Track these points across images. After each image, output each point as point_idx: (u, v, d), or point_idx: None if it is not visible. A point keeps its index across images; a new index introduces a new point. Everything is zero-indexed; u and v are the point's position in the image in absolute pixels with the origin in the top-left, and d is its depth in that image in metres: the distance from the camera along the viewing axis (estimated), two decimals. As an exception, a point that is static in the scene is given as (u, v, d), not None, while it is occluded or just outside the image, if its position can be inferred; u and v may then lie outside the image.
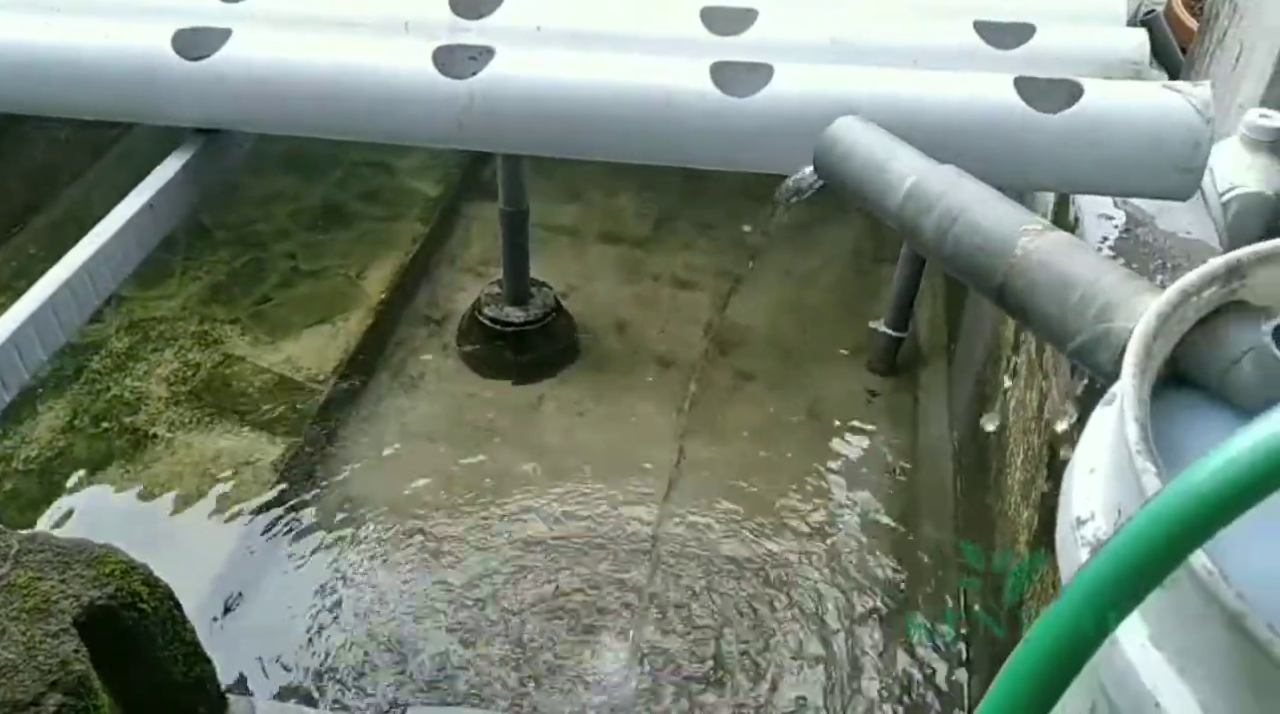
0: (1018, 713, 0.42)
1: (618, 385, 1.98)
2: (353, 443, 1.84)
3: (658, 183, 2.42)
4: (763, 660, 1.50)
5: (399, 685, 1.45)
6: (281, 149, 2.39)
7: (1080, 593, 0.40)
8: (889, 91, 0.92)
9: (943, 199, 0.72)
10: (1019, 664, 0.42)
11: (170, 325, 2.02)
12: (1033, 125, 0.89)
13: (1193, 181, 0.89)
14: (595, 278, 2.23)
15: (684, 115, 0.92)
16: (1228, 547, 0.49)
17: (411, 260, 2.21)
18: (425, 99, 0.94)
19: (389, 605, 1.56)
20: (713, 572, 1.62)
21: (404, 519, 1.70)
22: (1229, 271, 0.59)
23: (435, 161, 2.47)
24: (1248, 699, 0.42)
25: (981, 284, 0.71)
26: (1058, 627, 0.41)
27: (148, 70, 0.97)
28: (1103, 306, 0.64)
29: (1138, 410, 0.49)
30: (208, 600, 1.56)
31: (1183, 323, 0.58)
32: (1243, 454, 0.38)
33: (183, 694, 0.76)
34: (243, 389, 1.91)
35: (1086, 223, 1.17)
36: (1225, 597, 0.41)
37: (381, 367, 2.01)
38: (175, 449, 1.80)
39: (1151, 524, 0.39)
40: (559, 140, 0.97)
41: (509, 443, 1.85)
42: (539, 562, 1.63)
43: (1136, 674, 0.46)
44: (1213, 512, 0.37)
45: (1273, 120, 1.11)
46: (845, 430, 1.88)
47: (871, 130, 0.79)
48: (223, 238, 2.23)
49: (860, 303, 2.13)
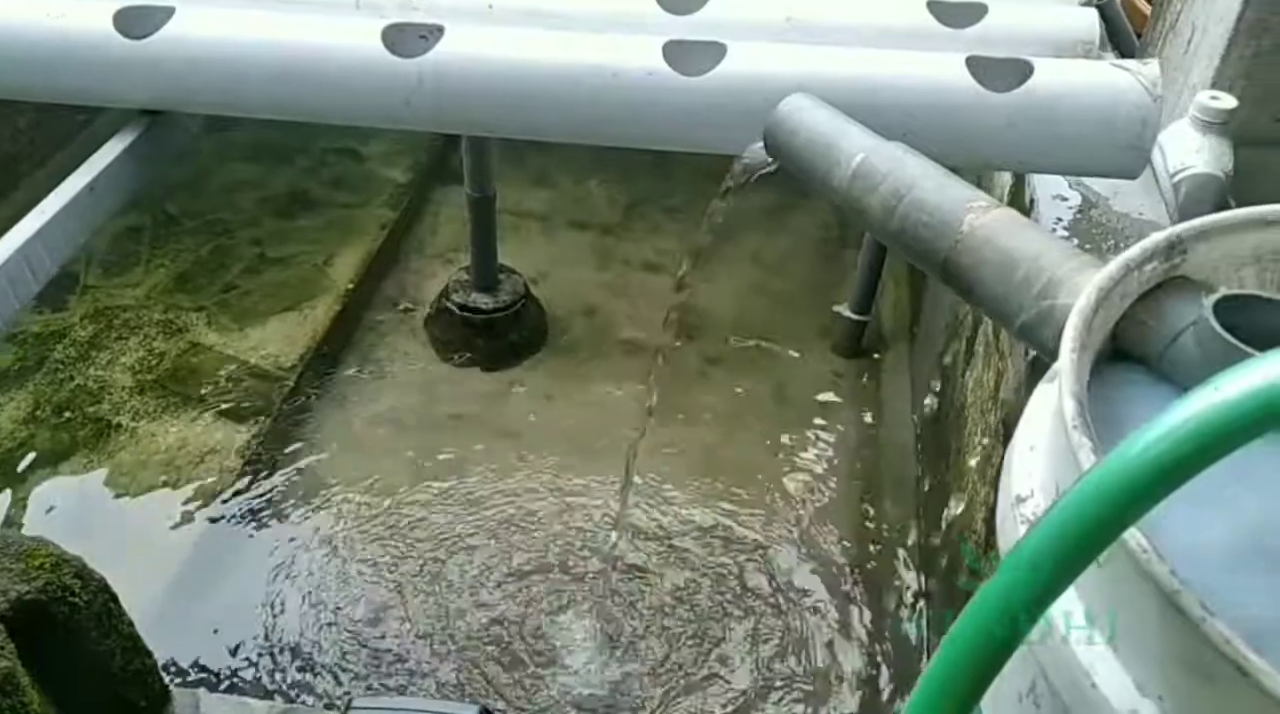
0: (957, 684, 0.41)
1: (587, 370, 1.98)
2: (320, 431, 1.82)
3: (628, 168, 2.41)
4: (719, 628, 1.51)
5: (364, 676, 1.45)
6: (248, 136, 2.36)
7: (1013, 571, 0.40)
8: (842, 71, 0.91)
9: (889, 177, 0.72)
10: (955, 642, 0.41)
11: (135, 314, 1.99)
12: (984, 104, 0.89)
13: (1141, 159, 0.89)
14: (565, 264, 2.22)
15: (636, 94, 0.91)
16: (1163, 523, 0.49)
17: (380, 247, 2.19)
18: (374, 79, 0.92)
19: (356, 591, 1.56)
20: (674, 554, 1.62)
21: (373, 506, 1.69)
22: (1169, 246, 0.59)
23: (404, 147, 2.44)
24: (1182, 676, 0.42)
25: (928, 262, 0.71)
26: (991, 604, 0.41)
27: (89, 50, 0.95)
28: (1046, 283, 0.64)
29: (1075, 386, 0.48)
30: (172, 589, 1.55)
31: (1124, 299, 0.58)
32: (1174, 428, 0.37)
33: (122, 688, 0.74)
34: (208, 378, 1.89)
35: (1041, 203, 1.17)
36: (1159, 574, 0.41)
37: (349, 354, 1.99)
38: (140, 438, 1.77)
39: (1084, 501, 0.38)
40: (510, 120, 0.96)
41: (478, 429, 1.84)
42: (509, 545, 1.63)
43: (1071, 651, 0.46)
44: (1146, 487, 0.37)
45: (1222, 102, 1.11)
46: (810, 412, 1.88)
47: (820, 108, 0.78)
48: (189, 226, 2.20)
49: (827, 287, 2.13)
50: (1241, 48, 1.15)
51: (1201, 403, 0.37)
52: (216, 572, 1.58)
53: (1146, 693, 0.43)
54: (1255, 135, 1.19)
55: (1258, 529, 0.47)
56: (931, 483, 1.65)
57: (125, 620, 0.77)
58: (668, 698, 1.44)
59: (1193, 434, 0.37)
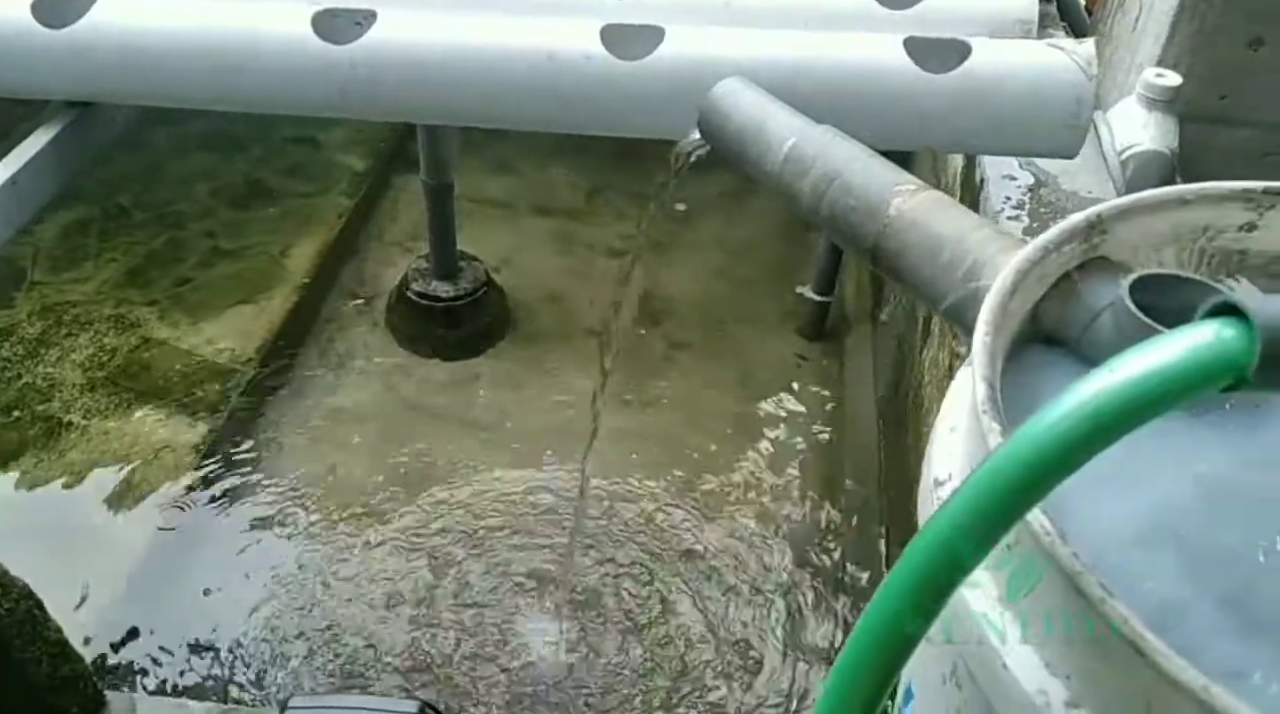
0: (871, 667, 0.41)
1: (551, 357, 1.96)
2: (278, 424, 1.80)
3: (590, 155, 2.39)
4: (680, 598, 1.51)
5: (321, 671, 1.44)
6: (201, 126, 2.31)
7: (919, 554, 0.40)
8: (781, 54, 0.90)
9: (818, 161, 0.71)
10: (864, 631, 0.41)
11: (85, 309, 1.96)
12: (922, 86, 0.88)
13: (1078, 138, 0.89)
14: (528, 250, 2.21)
15: (574, 79, 0.89)
16: (1075, 506, 0.49)
17: (337, 237, 2.16)
18: (306, 66, 0.90)
19: (315, 588, 1.54)
20: (637, 533, 1.62)
21: (332, 500, 1.67)
22: (1088, 227, 0.59)
23: (363, 135, 2.41)
24: (1086, 656, 0.42)
25: (858, 247, 0.71)
26: (895, 590, 0.41)
27: (6, 40, 0.92)
28: (971, 266, 0.64)
29: (986, 370, 0.48)
30: (126, 589, 1.53)
31: (1042, 280, 0.58)
32: (1071, 411, 0.37)
33: (51, 696, 0.73)
34: (162, 373, 1.86)
35: (991, 183, 1.18)
36: (1061, 555, 0.41)
37: (308, 346, 1.97)
38: (91, 436, 1.74)
39: (988, 481, 0.38)
40: (447, 107, 0.94)
41: (441, 419, 1.82)
42: (472, 535, 1.62)
43: (986, 635, 0.47)
44: (1045, 469, 0.37)
45: (1167, 79, 1.12)
46: (774, 393, 1.89)
47: (753, 91, 0.77)
48: (140, 218, 2.16)
49: (790, 270, 2.13)
50: (1186, 25, 1.15)
51: (1097, 385, 0.37)
52: (172, 571, 1.56)
53: (1055, 672, 0.43)
54: (1201, 112, 1.20)
55: (1165, 508, 0.48)
56: (893, 463, 1.67)
57: (52, 627, 0.76)
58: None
59: (1090, 416, 0.36)
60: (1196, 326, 0.37)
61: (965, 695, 0.52)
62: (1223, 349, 0.36)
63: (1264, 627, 0.43)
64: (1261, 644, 0.43)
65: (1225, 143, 1.23)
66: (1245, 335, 0.35)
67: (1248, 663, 0.42)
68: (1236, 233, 0.60)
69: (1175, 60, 1.18)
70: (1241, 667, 0.42)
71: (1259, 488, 0.48)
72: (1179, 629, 0.43)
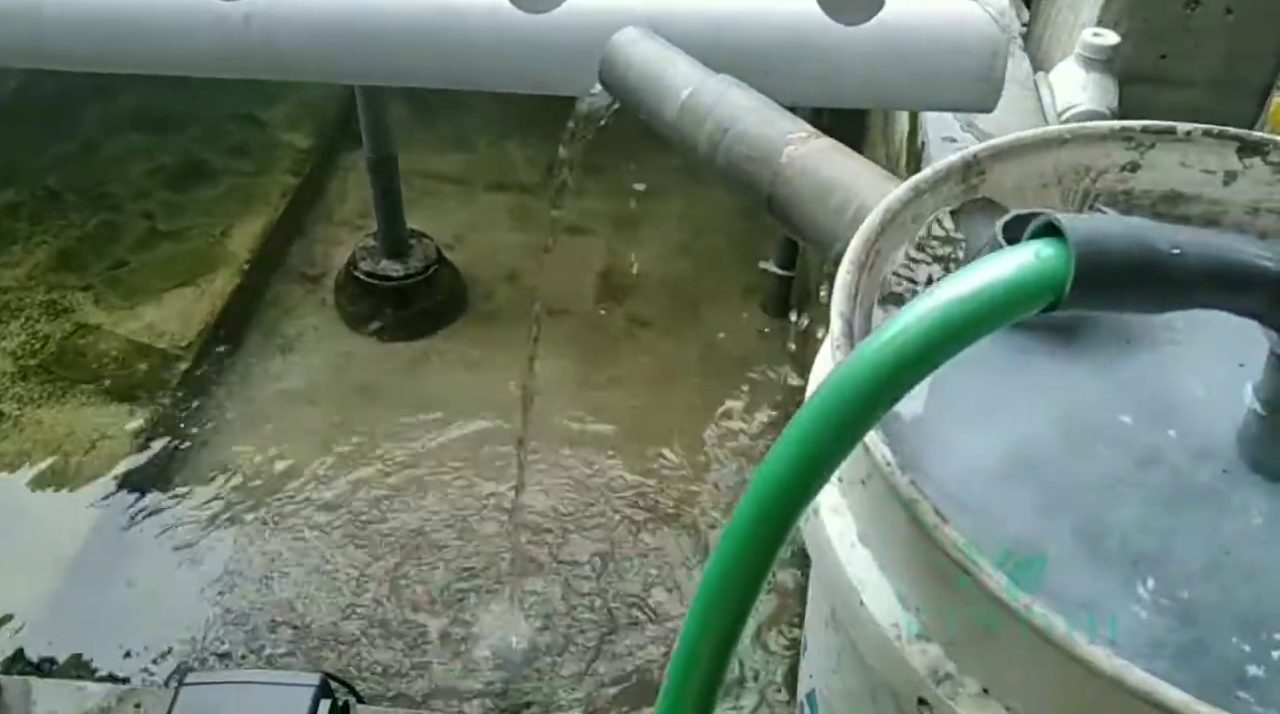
0: (731, 592, 0.40)
1: (510, 337, 1.93)
2: (222, 410, 1.76)
3: (547, 128, 2.34)
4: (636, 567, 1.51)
5: (261, 660, 1.41)
6: (133, 103, 2.25)
7: (767, 480, 0.39)
8: (691, 7, 0.88)
9: (715, 110, 0.69)
10: (723, 554, 0.40)
11: (15, 296, 1.90)
12: (835, 39, 0.86)
13: (994, 91, 0.88)
14: (484, 227, 2.16)
15: (479, 33, 0.86)
16: (940, 442, 0.48)
17: (282, 216, 2.11)
18: (195, 22, 0.86)
19: (261, 575, 1.52)
20: (598, 505, 1.61)
21: (278, 487, 1.63)
22: (965, 167, 0.58)
23: (306, 111, 2.35)
24: (932, 586, 0.42)
25: (754, 196, 0.69)
26: (749, 517, 0.40)
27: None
28: (858, 209, 0.62)
29: (844, 305, 0.47)
30: (63, 581, 1.49)
31: (916, 221, 0.57)
32: (904, 329, 0.37)
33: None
34: (98, 359, 1.81)
35: (932, 146, 1.17)
36: (900, 486, 0.41)
37: (253, 329, 1.92)
38: (24, 426, 1.70)
39: (828, 399, 0.38)
40: (348, 64, 0.90)
41: (392, 400, 1.78)
42: (427, 518, 1.60)
43: (844, 571, 0.46)
44: (882, 384, 0.37)
45: (1105, 39, 1.11)
46: (738, 369, 1.85)
47: (653, 41, 0.75)
48: (72, 200, 2.09)
49: (754, 245, 2.10)
50: (1126, -16, 1.15)
51: (922, 307, 0.36)
52: (110, 561, 1.53)
53: (907, 606, 0.43)
54: (1140, 72, 1.19)
55: (1027, 441, 0.47)
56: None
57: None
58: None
59: (921, 335, 0.36)
60: (1020, 247, 0.37)
61: (841, 639, 0.51)
62: (1042, 267, 0.35)
63: (1114, 558, 0.43)
64: (1111, 575, 0.42)
65: (1167, 103, 1.22)
66: (1062, 253, 0.35)
67: (1098, 593, 0.42)
68: (1119, 173, 0.59)
69: (1115, 20, 1.17)
70: (1092, 596, 0.42)
71: (1117, 422, 0.48)
72: (1034, 562, 0.43)
